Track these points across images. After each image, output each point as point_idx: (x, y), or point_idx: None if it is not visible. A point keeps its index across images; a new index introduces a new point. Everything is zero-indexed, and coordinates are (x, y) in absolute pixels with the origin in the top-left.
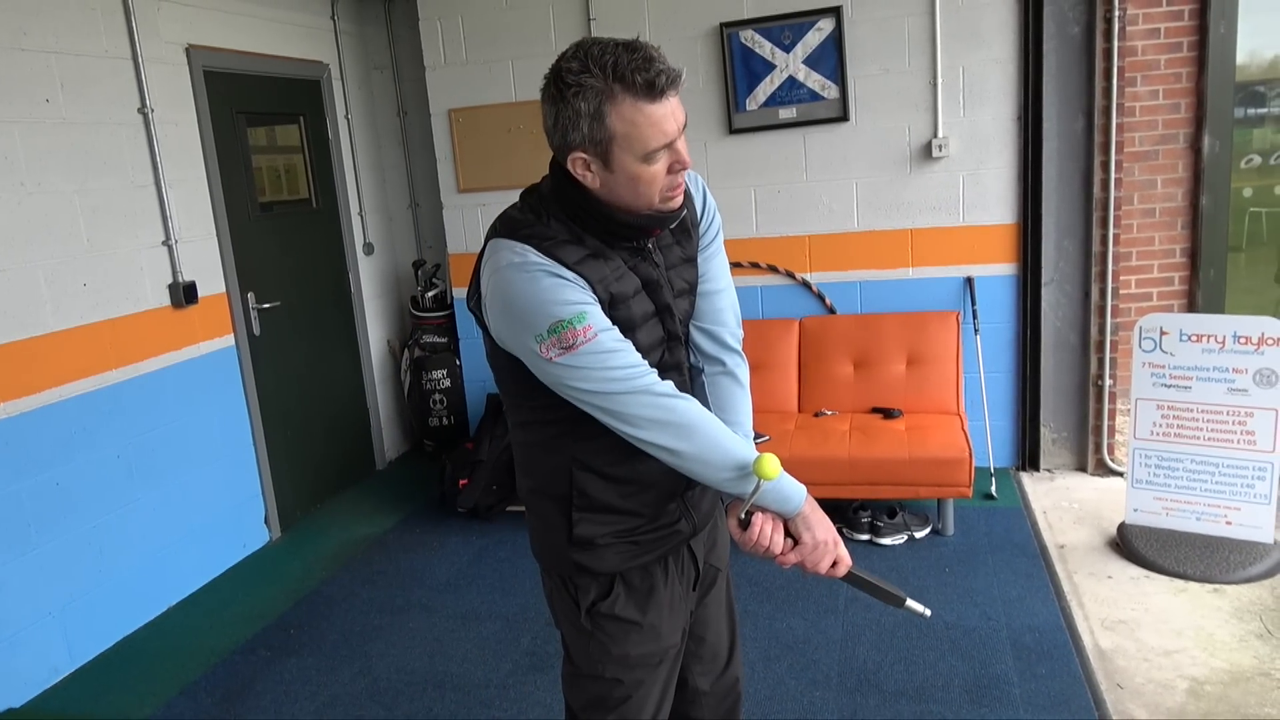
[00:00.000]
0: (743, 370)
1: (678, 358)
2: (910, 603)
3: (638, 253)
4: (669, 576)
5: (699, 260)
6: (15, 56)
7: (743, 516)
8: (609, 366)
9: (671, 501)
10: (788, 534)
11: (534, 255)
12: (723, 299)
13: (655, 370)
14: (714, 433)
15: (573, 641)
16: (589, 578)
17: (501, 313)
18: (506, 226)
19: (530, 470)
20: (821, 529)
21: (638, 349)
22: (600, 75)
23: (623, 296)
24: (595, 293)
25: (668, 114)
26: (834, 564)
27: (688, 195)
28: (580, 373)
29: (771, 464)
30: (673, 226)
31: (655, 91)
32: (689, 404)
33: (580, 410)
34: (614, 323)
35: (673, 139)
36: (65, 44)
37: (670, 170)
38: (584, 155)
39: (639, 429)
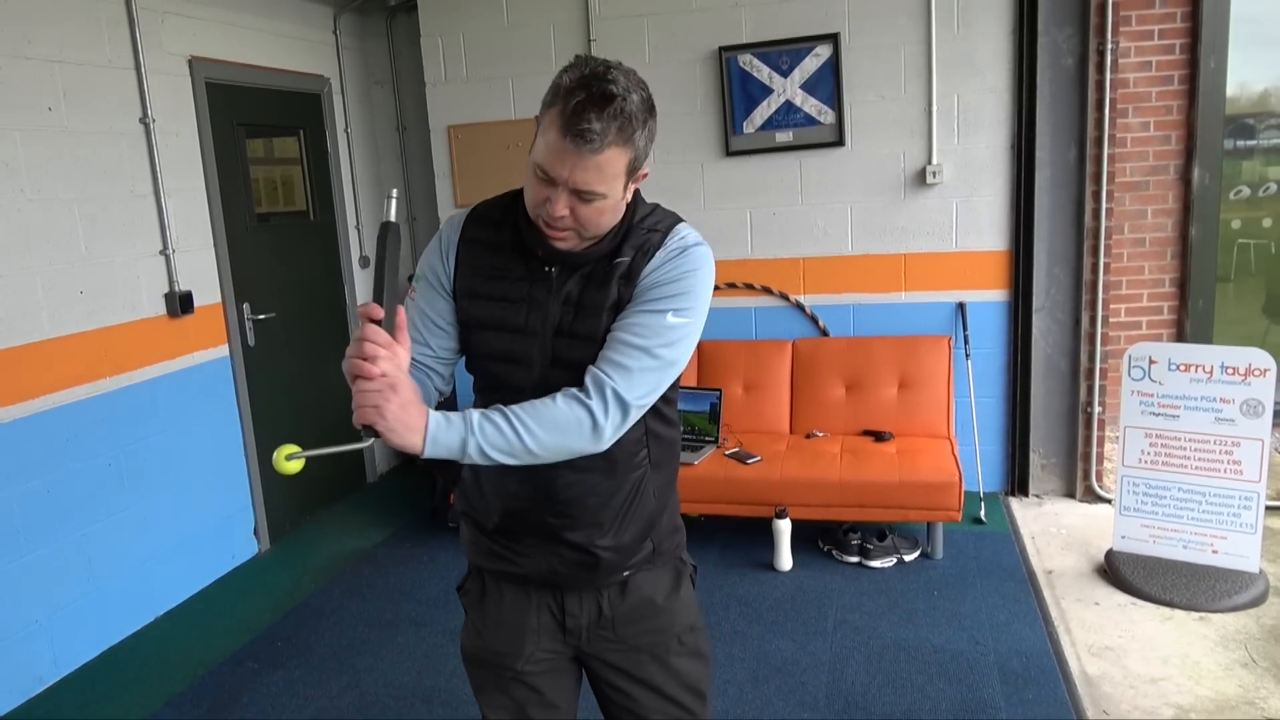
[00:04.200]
0: (571, 397)
1: (517, 382)
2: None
3: (539, 272)
4: (508, 600)
5: (622, 313)
6: (19, 64)
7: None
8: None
9: (527, 534)
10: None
11: (457, 216)
12: (612, 346)
13: (432, 361)
14: None
15: None
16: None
17: None
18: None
19: None
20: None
21: (480, 351)
22: (566, 83)
23: (483, 294)
24: (455, 273)
25: (563, 157)
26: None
27: (640, 250)
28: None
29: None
30: (581, 265)
31: (566, 130)
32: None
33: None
34: (465, 314)
35: (552, 177)
36: (69, 53)
37: (538, 203)
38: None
39: None
